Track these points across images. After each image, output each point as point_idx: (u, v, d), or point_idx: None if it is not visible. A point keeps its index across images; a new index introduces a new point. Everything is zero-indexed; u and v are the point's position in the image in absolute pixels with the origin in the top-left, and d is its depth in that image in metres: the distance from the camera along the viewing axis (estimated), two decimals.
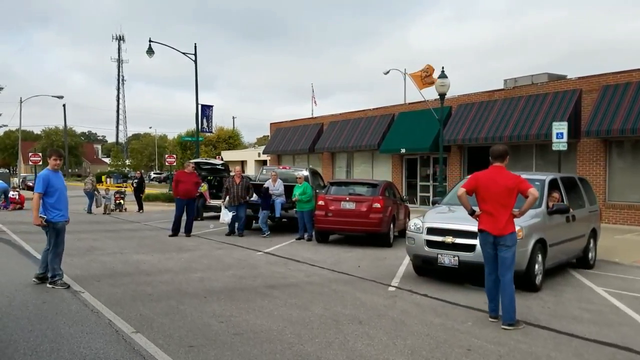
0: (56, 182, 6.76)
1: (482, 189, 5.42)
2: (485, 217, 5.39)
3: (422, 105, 20.32)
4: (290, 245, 11.02)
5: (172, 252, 9.84)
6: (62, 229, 6.86)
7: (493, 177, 5.39)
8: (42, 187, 6.63)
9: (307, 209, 11.86)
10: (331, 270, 8.19)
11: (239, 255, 9.64)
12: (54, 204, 6.69)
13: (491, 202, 5.33)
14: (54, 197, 6.68)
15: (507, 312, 5.20)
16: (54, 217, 6.71)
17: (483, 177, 5.48)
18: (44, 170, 6.91)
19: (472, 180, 5.56)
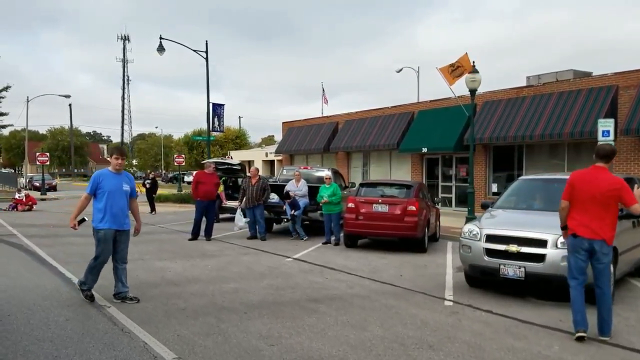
0: (108, 183, 5.95)
1: (578, 190, 4.97)
2: (581, 220, 4.89)
3: (444, 102, 19.65)
4: (318, 251, 10.36)
5: (196, 258, 9.20)
6: (102, 239, 6.04)
7: (594, 178, 4.94)
8: (91, 187, 5.97)
9: (336, 212, 11.20)
10: (372, 279, 7.52)
11: (268, 261, 8.98)
12: (100, 207, 5.94)
13: (590, 203, 4.87)
14: (101, 200, 5.92)
15: (607, 324, 4.80)
16: (97, 222, 5.99)
17: (580, 177, 5.03)
18: (103, 169, 6.14)
19: (569, 186, 5.04)
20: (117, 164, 6.04)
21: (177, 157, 36.41)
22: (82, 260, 8.62)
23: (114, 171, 6.06)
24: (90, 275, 6.11)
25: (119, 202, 6.01)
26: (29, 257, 8.89)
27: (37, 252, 9.44)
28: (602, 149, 5.08)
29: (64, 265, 8.11)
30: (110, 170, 6.07)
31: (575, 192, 4.96)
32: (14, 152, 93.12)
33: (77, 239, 11.48)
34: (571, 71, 18.68)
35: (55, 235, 12.02)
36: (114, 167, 6.06)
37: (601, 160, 5.02)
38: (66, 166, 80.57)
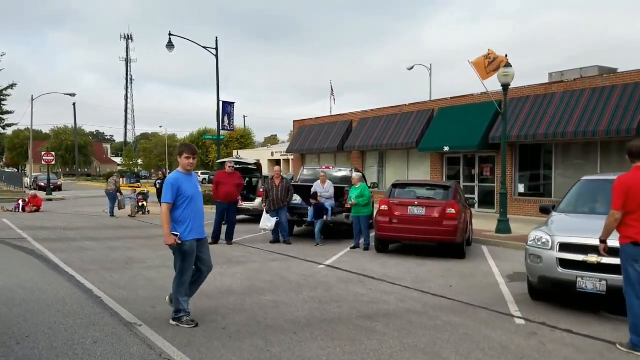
0: (188, 188, 5.14)
1: (635, 194, 4.56)
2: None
3: (466, 99, 18.96)
4: (350, 256, 9.68)
5: (222, 265, 8.53)
6: (189, 252, 5.17)
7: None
8: (172, 195, 5.04)
9: (365, 214, 10.54)
10: (421, 291, 6.84)
11: (299, 269, 8.31)
12: (181, 216, 5.08)
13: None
14: (181, 207, 5.08)
15: None
16: (182, 234, 5.08)
17: (634, 180, 4.62)
18: (174, 172, 5.27)
19: (622, 193, 4.60)
20: (189, 164, 5.21)
21: None
22: (100, 268, 8.01)
23: (185, 172, 5.24)
24: (182, 297, 5.21)
25: (200, 207, 5.29)
26: (43, 265, 8.24)
27: (50, 258, 8.79)
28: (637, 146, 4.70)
29: (82, 274, 7.45)
30: (182, 172, 5.22)
31: (632, 198, 4.56)
32: (17, 151, 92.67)
33: (90, 243, 10.86)
34: (596, 67, 17.96)
35: (67, 239, 11.38)
36: (185, 167, 5.21)
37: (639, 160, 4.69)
38: (70, 166, 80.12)
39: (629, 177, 4.69)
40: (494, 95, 17.84)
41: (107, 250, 9.81)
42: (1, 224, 14.50)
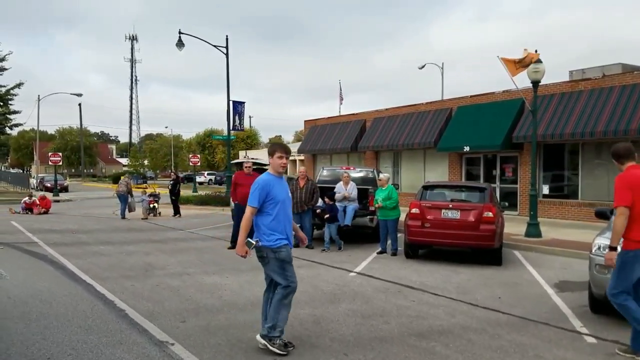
0: (279, 191, 4.56)
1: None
2: None
3: (487, 97, 18.39)
4: (378, 262, 9.15)
5: (247, 272, 8.02)
6: (287, 259, 4.55)
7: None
8: (259, 198, 4.47)
9: (392, 218, 10.00)
10: (469, 303, 6.31)
11: (330, 277, 7.79)
12: (272, 223, 4.48)
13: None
14: (272, 213, 4.49)
15: None
16: (274, 241, 4.47)
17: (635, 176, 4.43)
18: (264, 174, 4.65)
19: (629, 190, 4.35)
20: (282, 165, 4.64)
21: (192, 157, 35.30)
22: (119, 275, 7.52)
23: (276, 174, 4.66)
24: (281, 314, 4.55)
25: (290, 212, 4.72)
26: (58, 272, 7.74)
27: (65, 264, 8.30)
28: (629, 147, 4.63)
29: (101, 283, 6.96)
30: (273, 174, 4.64)
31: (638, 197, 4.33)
32: (22, 152, 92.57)
33: (105, 247, 10.38)
34: (619, 65, 17.38)
35: (80, 243, 10.89)
36: (277, 168, 4.64)
37: (633, 160, 4.59)
38: (75, 166, 79.86)
39: (631, 175, 4.45)
40: (517, 93, 17.28)
41: (123, 256, 9.32)
42: (10, 226, 14.05)
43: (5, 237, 11.57)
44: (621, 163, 4.64)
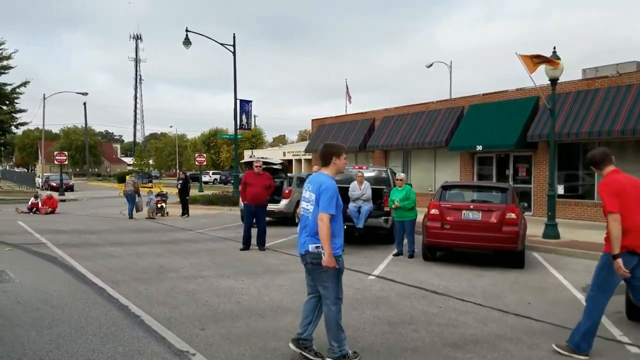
0: (339, 195, 4.22)
1: (632, 196, 4.31)
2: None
3: (500, 96, 18.07)
4: (397, 265, 8.87)
5: (263, 275, 7.76)
6: (343, 268, 4.24)
7: (632, 181, 4.49)
8: (335, 204, 4.08)
9: (410, 219, 9.73)
10: (499, 310, 6.01)
11: (349, 280, 7.49)
12: (335, 229, 4.11)
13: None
14: (337, 219, 4.15)
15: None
16: (336, 249, 4.12)
17: (626, 181, 4.42)
18: (327, 177, 4.20)
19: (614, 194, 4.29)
20: (343, 166, 4.34)
21: (198, 157, 35.08)
22: (131, 278, 7.27)
23: (334, 177, 4.28)
24: (342, 332, 4.26)
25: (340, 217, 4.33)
26: (69, 275, 7.50)
27: (75, 267, 8.06)
28: (605, 152, 4.62)
29: (113, 286, 6.72)
30: (331, 177, 4.25)
31: (632, 200, 4.30)
32: (27, 151, 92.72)
33: (115, 248, 10.14)
34: (634, 63, 17.06)
35: (89, 244, 10.67)
36: (340, 170, 4.34)
37: (612, 164, 4.55)
38: (80, 166, 79.93)
39: (618, 179, 4.43)
40: (531, 91, 16.96)
41: (134, 257, 9.08)
42: (17, 226, 13.85)
43: (12, 237, 11.35)
44: (600, 169, 4.60)
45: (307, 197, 4.26)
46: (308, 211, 4.22)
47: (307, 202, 4.25)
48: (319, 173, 4.33)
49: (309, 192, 4.25)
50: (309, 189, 4.25)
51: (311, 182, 4.28)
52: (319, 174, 4.30)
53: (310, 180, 4.31)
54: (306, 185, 4.34)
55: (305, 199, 4.29)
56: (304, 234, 4.23)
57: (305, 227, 4.24)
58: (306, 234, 4.21)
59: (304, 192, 4.33)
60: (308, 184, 4.31)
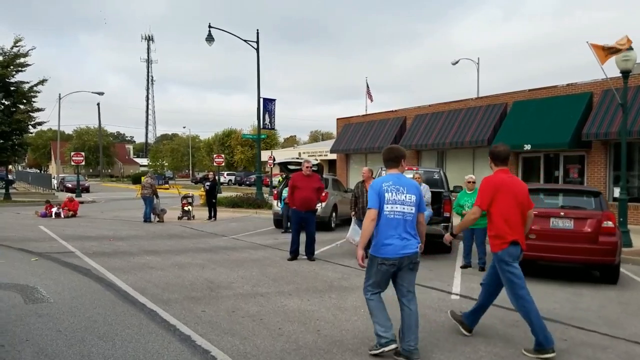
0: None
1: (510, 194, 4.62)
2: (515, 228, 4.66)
3: (548, 91, 16.91)
4: (471, 280, 7.80)
5: (328, 293, 6.74)
6: None
7: (515, 181, 4.81)
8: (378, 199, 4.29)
9: (481, 227, 8.64)
10: (635, 342, 4.95)
11: (429, 300, 6.47)
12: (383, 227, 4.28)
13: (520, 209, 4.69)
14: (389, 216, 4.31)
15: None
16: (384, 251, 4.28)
17: (506, 180, 4.71)
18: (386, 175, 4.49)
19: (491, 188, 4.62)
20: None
21: (216, 157, 34.21)
22: (182, 297, 6.27)
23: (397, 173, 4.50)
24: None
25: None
26: (109, 292, 6.53)
27: (115, 282, 7.09)
28: (504, 151, 4.81)
29: (164, 307, 5.74)
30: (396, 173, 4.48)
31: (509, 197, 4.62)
32: (40, 152, 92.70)
33: (151, 258, 9.19)
34: None
35: (122, 253, 9.73)
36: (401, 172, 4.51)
37: (503, 164, 4.80)
38: (93, 166, 79.60)
39: (499, 177, 4.68)
40: (583, 87, 15.83)
41: (176, 269, 8.11)
42: (39, 232, 12.95)
43: (37, 245, 10.45)
44: (495, 165, 4.81)
45: (404, 200, 4.29)
46: (406, 214, 4.30)
47: (402, 204, 4.29)
48: (401, 175, 4.44)
49: (406, 194, 4.31)
50: (407, 192, 4.32)
51: (404, 184, 4.35)
52: (403, 176, 4.43)
53: (401, 183, 4.35)
54: (395, 187, 4.31)
55: (399, 202, 4.28)
56: (404, 235, 4.26)
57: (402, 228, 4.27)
58: (407, 235, 4.27)
59: (395, 194, 4.29)
60: (399, 186, 4.32)
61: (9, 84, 24.53)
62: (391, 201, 4.25)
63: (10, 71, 24.27)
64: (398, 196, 4.27)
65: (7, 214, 18.76)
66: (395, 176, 4.40)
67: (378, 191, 4.28)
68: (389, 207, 4.25)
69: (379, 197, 4.26)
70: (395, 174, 4.42)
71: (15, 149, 25.76)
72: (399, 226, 4.23)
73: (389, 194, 4.27)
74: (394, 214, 4.24)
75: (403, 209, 4.26)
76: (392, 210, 4.24)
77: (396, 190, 4.28)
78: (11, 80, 24.67)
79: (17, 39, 24.31)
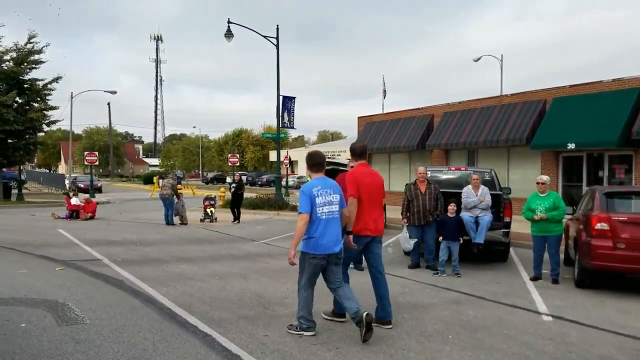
0: None
1: (366, 187, 5.23)
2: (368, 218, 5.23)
3: (592, 87, 15.93)
4: (552, 295, 6.91)
5: (400, 312, 5.86)
6: None
7: (371, 175, 5.38)
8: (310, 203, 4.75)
9: (556, 234, 7.78)
10: None
11: (519, 322, 5.59)
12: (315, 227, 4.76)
13: (375, 201, 5.32)
14: None
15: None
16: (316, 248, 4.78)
17: (362, 175, 5.29)
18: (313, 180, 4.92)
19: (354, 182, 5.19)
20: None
21: (231, 157, 33.41)
22: (235, 316, 5.41)
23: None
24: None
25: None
26: (151, 309, 5.70)
27: (154, 297, 6.27)
28: (360, 147, 5.47)
29: (222, 332, 4.90)
30: None
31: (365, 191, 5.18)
32: (49, 152, 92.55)
33: (188, 267, 8.36)
34: None
35: (153, 260, 8.92)
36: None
37: (362, 158, 5.44)
38: (102, 166, 79.27)
39: (357, 172, 5.28)
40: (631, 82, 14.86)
41: (216, 280, 7.29)
42: (59, 236, 12.16)
43: (59, 251, 9.65)
44: (355, 160, 5.41)
45: (332, 200, 4.78)
46: (334, 212, 4.79)
47: (331, 205, 4.76)
48: (325, 178, 4.91)
49: (332, 195, 4.80)
50: (332, 192, 4.81)
51: (329, 186, 4.83)
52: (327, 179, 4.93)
53: (327, 185, 4.81)
54: (323, 190, 4.74)
55: (328, 203, 4.74)
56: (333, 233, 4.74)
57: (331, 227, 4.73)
58: (335, 233, 4.77)
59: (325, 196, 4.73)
60: (327, 189, 4.78)
61: (22, 82, 23.90)
62: (322, 204, 4.70)
63: (24, 68, 23.63)
64: (327, 198, 4.74)
65: (22, 216, 18.09)
66: (322, 180, 4.83)
67: (310, 196, 4.65)
68: (320, 209, 4.68)
69: (311, 202, 4.64)
70: (321, 177, 4.85)
71: (29, 149, 25.10)
72: (329, 225, 4.70)
73: (319, 198, 4.69)
74: (325, 215, 4.70)
75: (331, 208, 4.75)
76: (322, 212, 4.69)
77: (325, 192, 4.74)
78: (25, 78, 24.04)
79: (31, 35, 23.67)
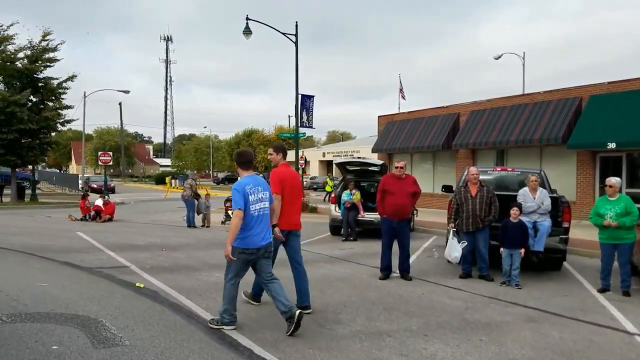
0: None
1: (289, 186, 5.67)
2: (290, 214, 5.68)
3: (632, 84, 15.15)
4: (631, 310, 6.23)
5: (473, 332, 5.22)
6: None
7: (292, 173, 5.85)
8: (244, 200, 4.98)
9: (628, 241, 7.07)
10: None
11: (607, 345, 4.93)
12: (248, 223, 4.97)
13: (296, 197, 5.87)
14: None
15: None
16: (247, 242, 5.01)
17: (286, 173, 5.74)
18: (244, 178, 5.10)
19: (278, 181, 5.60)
20: None
21: None
22: (295, 341, 4.76)
23: None
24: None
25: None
26: (195, 328, 5.07)
27: (195, 311, 5.66)
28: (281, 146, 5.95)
29: (280, 355, 4.29)
30: None
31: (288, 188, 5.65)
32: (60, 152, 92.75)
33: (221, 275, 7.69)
34: None
35: (184, 268, 8.33)
36: None
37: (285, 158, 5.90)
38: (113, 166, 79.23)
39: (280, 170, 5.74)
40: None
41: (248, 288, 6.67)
42: (80, 240, 11.54)
43: (83, 257, 9.06)
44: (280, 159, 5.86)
45: (262, 197, 5.01)
46: (265, 209, 5.03)
47: (261, 201, 4.98)
48: (255, 175, 5.16)
49: (262, 192, 5.02)
50: (262, 190, 5.03)
51: (259, 184, 5.02)
52: (257, 176, 5.18)
53: (257, 183, 5.01)
54: (255, 187, 4.95)
55: (259, 200, 4.96)
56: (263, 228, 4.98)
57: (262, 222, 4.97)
58: (265, 228, 5.03)
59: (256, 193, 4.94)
60: (257, 186, 4.99)
61: (36, 80, 23.50)
62: (254, 201, 4.89)
63: (38, 66, 23.22)
64: (258, 195, 4.95)
65: (38, 217, 17.63)
66: (252, 178, 5.01)
67: (243, 194, 4.83)
68: (252, 206, 4.86)
69: (244, 199, 4.81)
70: (252, 175, 5.05)
71: (43, 148, 24.70)
72: (260, 221, 4.93)
73: (252, 196, 4.89)
74: (257, 212, 4.90)
75: (262, 205, 4.98)
76: (255, 209, 4.88)
77: (256, 190, 4.94)
78: (39, 76, 23.64)
79: (45, 32, 23.25)
